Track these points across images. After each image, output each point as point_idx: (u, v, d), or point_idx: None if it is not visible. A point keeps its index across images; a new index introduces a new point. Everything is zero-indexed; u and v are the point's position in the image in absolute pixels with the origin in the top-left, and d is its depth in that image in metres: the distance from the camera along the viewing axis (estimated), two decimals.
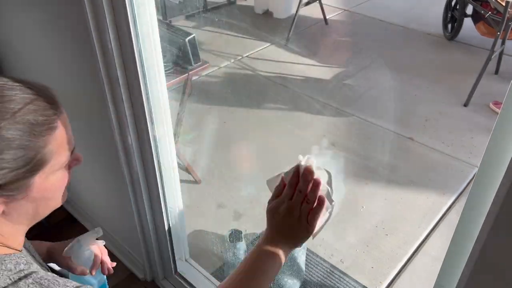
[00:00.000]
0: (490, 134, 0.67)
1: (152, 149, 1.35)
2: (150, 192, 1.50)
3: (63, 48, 1.40)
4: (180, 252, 1.74)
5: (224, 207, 2.25)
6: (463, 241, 0.77)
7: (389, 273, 1.92)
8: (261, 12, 4.49)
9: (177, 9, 4.28)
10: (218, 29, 4.22)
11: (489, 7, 3.27)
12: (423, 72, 3.46)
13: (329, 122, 2.91)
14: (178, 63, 3.10)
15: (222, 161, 2.57)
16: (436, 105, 3.05)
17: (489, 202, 0.64)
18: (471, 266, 0.71)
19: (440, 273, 0.87)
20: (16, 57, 1.78)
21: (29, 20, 1.47)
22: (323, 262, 1.96)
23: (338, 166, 2.52)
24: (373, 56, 3.75)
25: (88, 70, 1.29)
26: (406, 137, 2.73)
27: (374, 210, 2.24)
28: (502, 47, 3.21)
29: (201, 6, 4.49)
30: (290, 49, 3.85)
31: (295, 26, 3.97)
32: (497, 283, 0.70)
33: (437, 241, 2.06)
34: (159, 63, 1.23)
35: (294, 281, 1.83)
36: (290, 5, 4.35)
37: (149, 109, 1.27)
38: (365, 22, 4.42)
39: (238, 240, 1.93)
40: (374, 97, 3.18)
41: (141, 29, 1.13)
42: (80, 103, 1.50)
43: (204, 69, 3.34)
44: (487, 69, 3.01)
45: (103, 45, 1.17)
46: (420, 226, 2.13)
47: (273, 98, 3.18)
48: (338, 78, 3.44)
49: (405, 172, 2.46)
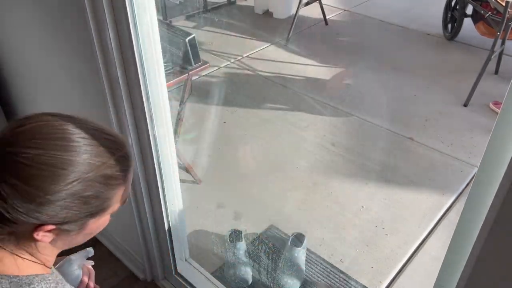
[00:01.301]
0: (490, 134, 0.67)
1: (152, 149, 1.35)
2: (150, 192, 1.50)
3: (63, 48, 1.40)
4: (180, 252, 1.74)
5: (224, 207, 2.25)
6: (463, 241, 0.77)
7: (389, 273, 1.92)
8: (261, 12, 4.49)
9: (177, 10, 4.28)
10: (218, 29, 4.22)
11: (489, 7, 3.27)
12: (423, 72, 3.47)
13: (329, 122, 2.91)
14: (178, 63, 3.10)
15: (222, 161, 2.58)
16: (436, 105, 3.05)
17: (489, 202, 0.64)
18: (471, 266, 0.71)
19: (440, 273, 0.87)
20: (16, 57, 1.78)
21: (29, 20, 1.47)
22: (323, 262, 1.96)
23: (338, 166, 2.53)
24: (373, 56, 3.75)
25: (88, 70, 1.29)
26: (406, 137, 2.73)
27: (374, 210, 2.24)
28: (502, 47, 3.21)
29: (201, 6, 4.49)
30: (290, 49, 3.85)
31: (295, 26, 3.97)
32: (497, 283, 0.70)
33: (437, 241, 2.06)
34: (159, 63, 1.23)
35: (294, 281, 1.84)
36: (290, 5, 4.35)
37: (149, 109, 1.27)
38: (365, 22, 4.42)
39: (238, 240, 1.93)
40: (374, 97, 3.18)
41: (141, 29, 1.13)
42: (80, 103, 1.50)
43: (204, 69, 3.35)
44: (487, 69, 3.01)
45: (103, 45, 1.17)
46: (420, 226, 2.14)
47: (273, 98, 3.18)
48: (338, 78, 3.44)
49: (405, 172, 2.46)
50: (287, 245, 1.92)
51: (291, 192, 2.35)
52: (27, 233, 0.72)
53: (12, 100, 2.02)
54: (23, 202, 0.68)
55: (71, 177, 0.70)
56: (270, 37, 4.01)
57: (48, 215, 0.70)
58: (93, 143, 0.73)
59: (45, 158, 0.69)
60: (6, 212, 0.68)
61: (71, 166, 0.70)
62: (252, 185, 2.43)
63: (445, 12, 3.96)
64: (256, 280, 1.88)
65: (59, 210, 0.70)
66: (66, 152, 0.70)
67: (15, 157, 0.69)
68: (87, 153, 0.72)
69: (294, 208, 2.26)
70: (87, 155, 0.71)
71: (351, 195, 2.32)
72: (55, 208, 0.70)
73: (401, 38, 4.08)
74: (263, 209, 2.24)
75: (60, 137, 0.72)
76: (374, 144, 2.71)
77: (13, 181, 0.68)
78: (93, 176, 0.71)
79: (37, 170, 0.68)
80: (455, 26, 3.83)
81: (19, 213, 0.69)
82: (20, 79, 1.86)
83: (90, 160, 0.71)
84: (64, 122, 0.74)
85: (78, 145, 0.71)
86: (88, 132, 0.74)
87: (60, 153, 0.70)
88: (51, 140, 0.71)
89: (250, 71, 3.51)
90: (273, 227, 2.13)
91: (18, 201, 0.68)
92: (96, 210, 0.75)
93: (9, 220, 0.69)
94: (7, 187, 0.68)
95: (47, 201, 0.69)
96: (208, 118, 2.94)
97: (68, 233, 0.75)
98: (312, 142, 2.73)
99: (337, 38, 4.12)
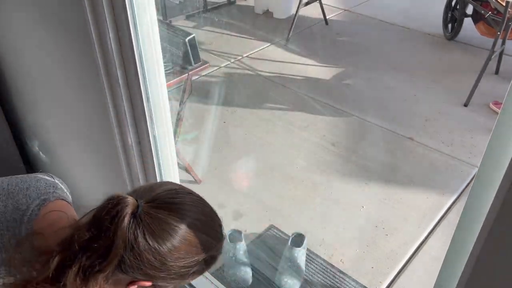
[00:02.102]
0: (490, 134, 0.67)
1: (152, 149, 1.35)
2: None
3: (63, 48, 1.40)
4: None
5: (224, 207, 2.25)
6: (463, 241, 0.77)
7: (389, 273, 1.92)
8: (261, 12, 4.49)
9: (177, 9, 4.28)
10: (218, 29, 4.22)
11: (489, 7, 3.27)
12: (423, 72, 3.46)
13: (329, 122, 2.91)
14: (178, 63, 3.10)
15: (222, 161, 2.57)
16: (436, 105, 3.05)
17: (489, 202, 0.64)
18: (471, 266, 0.71)
19: (440, 273, 0.87)
20: (16, 57, 1.78)
21: (29, 20, 1.47)
22: (323, 262, 1.96)
23: (338, 166, 2.53)
24: (373, 56, 3.75)
25: (88, 70, 1.29)
26: (406, 137, 2.73)
27: (374, 210, 2.24)
28: (502, 47, 3.21)
29: (201, 6, 4.48)
30: (290, 49, 3.85)
31: (295, 26, 3.97)
32: (497, 283, 0.70)
33: (437, 241, 2.06)
34: (159, 63, 1.23)
35: (294, 281, 1.83)
36: (290, 5, 4.35)
37: (149, 109, 1.27)
38: (365, 22, 4.42)
39: (238, 240, 1.93)
40: (374, 97, 3.17)
41: (141, 29, 1.13)
42: (80, 103, 1.50)
43: (204, 69, 3.35)
44: (487, 69, 3.01)
45: (103, 45, 1.17)
46: (420, 226, 2.13)
47: (273, 98, 3.18)
48: (338, 78, 3.44)
49: (405, 172, 2.46)
50: (287, 245, 1.92)
51: (291, 192, 2.35)
52: (123, 282, 0.78)
53: (13, 100, 2.02)
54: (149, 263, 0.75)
55: (192, 253, 0.78)
56: (270, 37, 4.00)
57: (157, 278, 0.77)
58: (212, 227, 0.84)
59: (183, 233, 0.77)
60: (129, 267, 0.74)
61: (197, 244, 0.78)
62: (252, 185, 2.42)
63: (445, 12, 3.96)
64: (256, 280, 1.88)
65: (167, 275, 0.77)
66: (196, 232, 0.79)
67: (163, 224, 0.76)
68: (209, 235, 0.81)
69: (294, 208, 2.26)
70: (208, 237, 0.81)
71: (351, 195, 2.32)
72: (167, 273, 0.77)
73: (401, 38, 4.08)
74: (263, 209, 2.24)
75: (196, 218, 0.82)
76: (374, 144, 2.71)
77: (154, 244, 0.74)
78: (206, 257, 0.81)
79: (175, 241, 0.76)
80: (455, 26, 3.83)
81: (137, 270, 0.75)
82: (20, 79, 1.86)
83: (208, 243, 0.81)
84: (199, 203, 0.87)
85: (202, 227, 0.81)
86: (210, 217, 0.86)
87: (193, 232, 0.78)
88: (191, 219, 0.80)
89: (250, 71, 3.51)
90: (273, 227, 2.13)
91: (145, 260, 0.74)
92: (186, 279, 0.83)
93: (121, 271, 0.75)
94: (145, 246, 0.74)
95: (167, 267, 0.76)
96: (208, 118, 2.94)
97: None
98: (312, 142, 2.73)
99: (337, 38, 4.12)
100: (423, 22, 4.26)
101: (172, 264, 0.76)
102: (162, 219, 0.76)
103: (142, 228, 0.74)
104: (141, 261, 0.74)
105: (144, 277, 0.77)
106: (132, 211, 0.75)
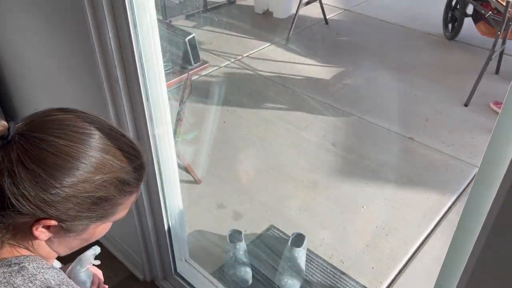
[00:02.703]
0: (490, 134, 0.67)
1: (151, 149, 1.35)
2: (150, 192, 1.50)
3: (63, 48, 1.40)
4: (180, 252, 1.73)
5: (224, 207, 2.25)
6: (463, 241, 0.77)
7: (389, 273, 1.92)
8: (261, 12, 4.49)
9: (177, 9, 4.28)
10: (218, 29, 4.22)
11: (490, 7, 3.27)
12: (423, 72, 3.46)
13: (329, 122, 2.90)
14: (178, 63, 3.09)
15: (222, 161, 2.57)
16: (436, 105, 3.05)
17: (490, 202, 0.64)
18: (471, 266, 0.71)
19: (440, 273, 0.87)
20: (16, 57, 1.78)
21: (29, 21, 1.47)
22: (323, 263, 1.96)
23: (338, 166, 2.52)
24: (373, 56, 3.75)
25: (88, 70, 1.29)
26: (406, 137, 2.73)
27: (374, 210, 2.24)
28: (503, 47, 3.21)
29: (201, 6, 4.48)
30: (290, 49, 3.85)
31: (295, 26, 3.96)
32: (497, 283, 0.70)
33: (437, 241, 2.06)
34: (159, 63, 1.23)
35: (294, 281, 1.83)
36: (290, 5, 4.35)
37: (149, 109, 1.27)
38: (365, 22, 4.41)
39: (238, 240, 1.93)
40: (374, 97, 3.17)
41: (141, 29, 1.13)
42: (80, 103, 1.50)
43: (204, 69, 3.35)
44: (488, 69, 3.01)
45: (103, 45, 1.17)
46: (420, 226, 2.13)
47: (273, 98, 3.18)
48: (338, 78, 3.44)
49: (405, 172, 2.46)
50: (287, 245, 1.92)
51: (291, 192, 2.35)
52: (26, 227, 0.69)
53: (12, 100, 2.02)
54: (36, 190, 0.65)
55: (89, 173, 0.68)
56: (270, 37, 4.00)
57: (56, 209, 0.67)
58: (115, 146, 0.72)
59: (69, 150, 0.67)
60: (14, 199, 0.64)
61: (92, 162, 0.68)
62: (252, 185, 2.42)
63: (445, 11, 3.96)
64: (256, 280, 1.87)
65: (69, 206, 0.67)
66: (90, 149, 0.69)
67: (39, 142, 0.66)
68: (108, 154, 0.70)
69: (294, 208, 2.26)
70: (108, 155, 0.70)
71: (351, 195, 2.32)
72: (66, 203, 0.67)
73: (402, 38, 4.08)
74: (263, 209, 2.24)
75: (87, 132, 0.70)
76: (374, 144, 2.71)
77: (32, 166, 0.64)
78: (109, 178, 0.70)
79: (60, 160, 0.66)
80: (456, 26, 3.83)
81: (28, 202, 0.65)
82: (20, 79, 1.86)
83: (110, 162, 0.70)
84: (93, 120, 0.74)
85: (99, 144, 0.70)
86: (112, 135, 0.73)
87: (83, 148, 0.68)
88: (77, 134, 0.69)
89: (250, 71, 3.51)
90: (273, 227, 2.13)
91: (31, 189, 0.64)
92: (102, 214, 0.73)
93: (13, 209, 0.65)
94: (24, 171, 0.64)
95: (60, 193, 0.66)
96: (208, 118, 2.94)
97: (67, 234, 0.72)
98: (312, 142, 2.73)
99: (337, 38, 4.12)
100: (423, 22, 4.26)
101: (66, 190, 0.66)
102: (38, 138, 0.66)
103: (16, 151, 0.64)
104: (26, 191, 0.64)
105: (42, 213, 0.66)
106: (1, 135, 0.65)
